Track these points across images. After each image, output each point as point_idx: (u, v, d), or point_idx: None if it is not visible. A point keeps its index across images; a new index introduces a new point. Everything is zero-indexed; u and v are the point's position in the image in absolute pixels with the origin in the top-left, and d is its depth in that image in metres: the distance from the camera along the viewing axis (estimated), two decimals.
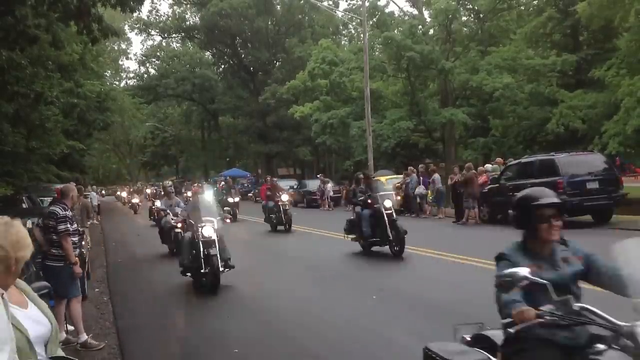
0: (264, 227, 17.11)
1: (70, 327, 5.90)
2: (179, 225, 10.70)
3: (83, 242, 7.16)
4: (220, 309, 7.28)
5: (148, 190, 40.18)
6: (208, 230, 8.10)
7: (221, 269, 8.01)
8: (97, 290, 8.75)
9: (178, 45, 59.04)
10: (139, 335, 6.28)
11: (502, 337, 2.64)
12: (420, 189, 18.01)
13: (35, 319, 2.03)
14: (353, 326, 5.91)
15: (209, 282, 7.98)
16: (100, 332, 6.29)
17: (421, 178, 18.21)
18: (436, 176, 17.98)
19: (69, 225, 5.79)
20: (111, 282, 9.52)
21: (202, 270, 7.97)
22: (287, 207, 16.47)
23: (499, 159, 18.13)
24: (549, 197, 2.71)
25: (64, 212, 5.82)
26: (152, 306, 7.67)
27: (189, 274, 8.55)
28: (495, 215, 14.61)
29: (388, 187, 17.52)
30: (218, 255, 7.94)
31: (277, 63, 51.63)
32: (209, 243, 8.00)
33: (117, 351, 5.66)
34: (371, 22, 31.66)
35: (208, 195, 9.83)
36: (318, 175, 30.53)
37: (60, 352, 2.19)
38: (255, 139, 49.43)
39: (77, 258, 5.86)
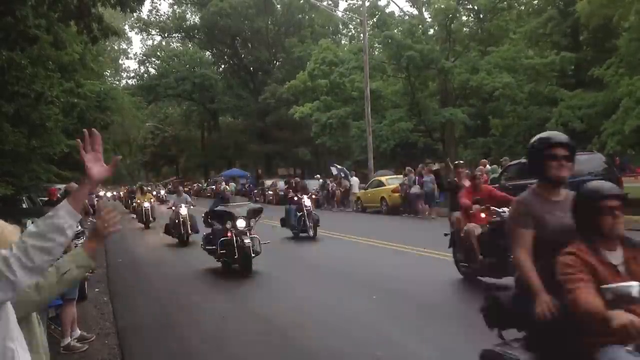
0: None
1: (78, 332, 5.88)
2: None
3: None
4: (220, 308, 7.27)
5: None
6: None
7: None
8: (97, 290, 8.74)
9: (178, 44, 59.09)
10: (139, 335, 6.27)
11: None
12: (415, 189, 17.98)
13: None
14: (353, 326, 5.91)
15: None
16: (100, 332, 6.29)
17: (416, 178, 18.18)
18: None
19: None
20: (111, 282, 9.51)
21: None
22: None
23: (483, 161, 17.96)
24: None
25: None
26: (152, 306, 7.67)
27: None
28: None
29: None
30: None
31: (277, 63, 51.67)
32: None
33: (117, 351, 5.65)
34: (371, 22, 31.68)
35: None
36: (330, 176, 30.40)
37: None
38: (255, 138, 49.42)
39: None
